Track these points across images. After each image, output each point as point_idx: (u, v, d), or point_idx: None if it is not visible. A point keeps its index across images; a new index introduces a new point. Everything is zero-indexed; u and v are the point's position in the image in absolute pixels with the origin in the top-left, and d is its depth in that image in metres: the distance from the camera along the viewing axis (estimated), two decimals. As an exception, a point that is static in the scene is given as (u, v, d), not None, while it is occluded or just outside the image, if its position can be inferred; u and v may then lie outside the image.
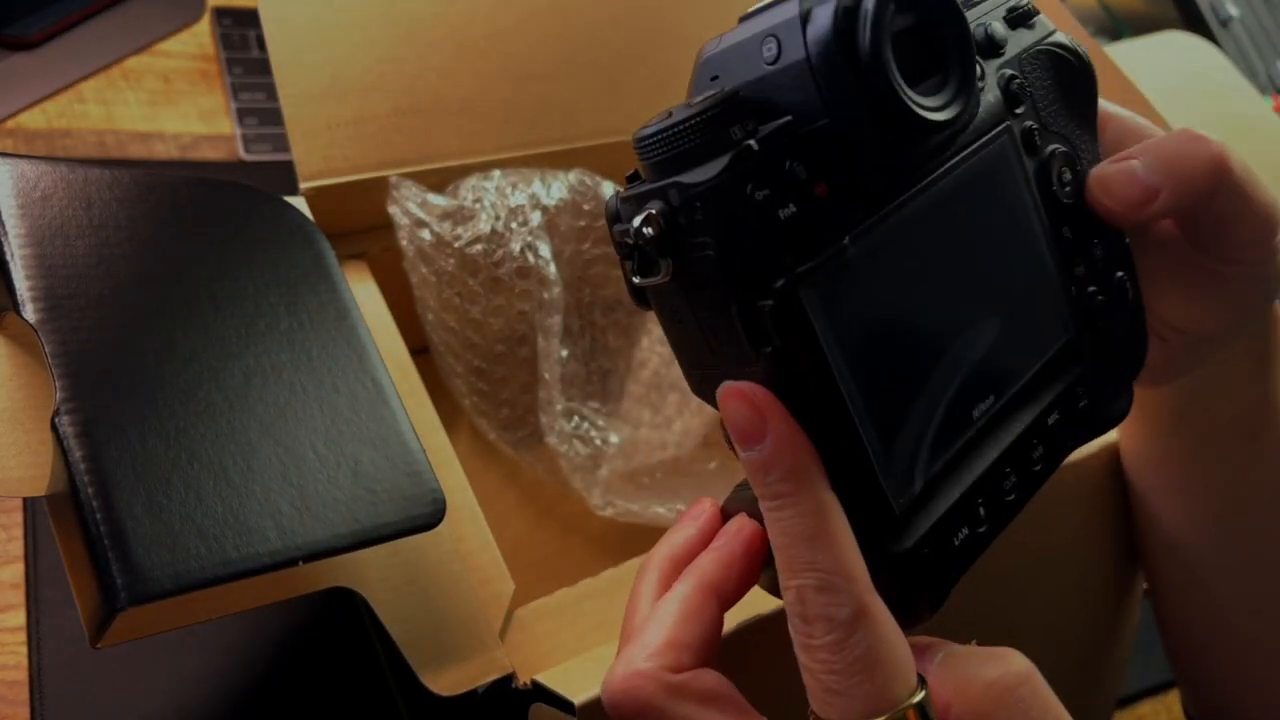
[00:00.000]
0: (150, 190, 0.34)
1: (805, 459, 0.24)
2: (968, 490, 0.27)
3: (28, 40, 0.67)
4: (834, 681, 0.24)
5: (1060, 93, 0.31)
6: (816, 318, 0.24)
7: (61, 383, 0.28)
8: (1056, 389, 0.30)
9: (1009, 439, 0.28)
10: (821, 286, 0.24)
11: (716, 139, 0.24)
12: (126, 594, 0.26)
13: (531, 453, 0.52)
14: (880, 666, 0.23)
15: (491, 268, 0.48)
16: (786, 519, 0.24)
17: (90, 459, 0.27)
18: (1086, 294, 0.31)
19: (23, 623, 0.46)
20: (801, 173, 0.24)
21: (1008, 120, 0.29)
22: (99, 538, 0.26)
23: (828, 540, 0.24)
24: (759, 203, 0.23)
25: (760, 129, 0.24)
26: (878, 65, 0.24)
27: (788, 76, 0.24)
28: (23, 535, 0.48)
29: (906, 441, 0.26)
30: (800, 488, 0.24)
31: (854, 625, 0.24)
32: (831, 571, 0.24)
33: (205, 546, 0.28)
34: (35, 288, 0.30)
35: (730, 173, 0.23)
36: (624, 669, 0.26)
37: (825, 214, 0.24)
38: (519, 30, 0.51)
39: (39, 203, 0.31)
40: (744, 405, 0.24)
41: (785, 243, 0.24)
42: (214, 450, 0.30)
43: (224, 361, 0.32)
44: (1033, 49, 0.30)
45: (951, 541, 0.27)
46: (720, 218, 0.23)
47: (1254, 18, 0.91)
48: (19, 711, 0.43)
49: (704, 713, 0.25)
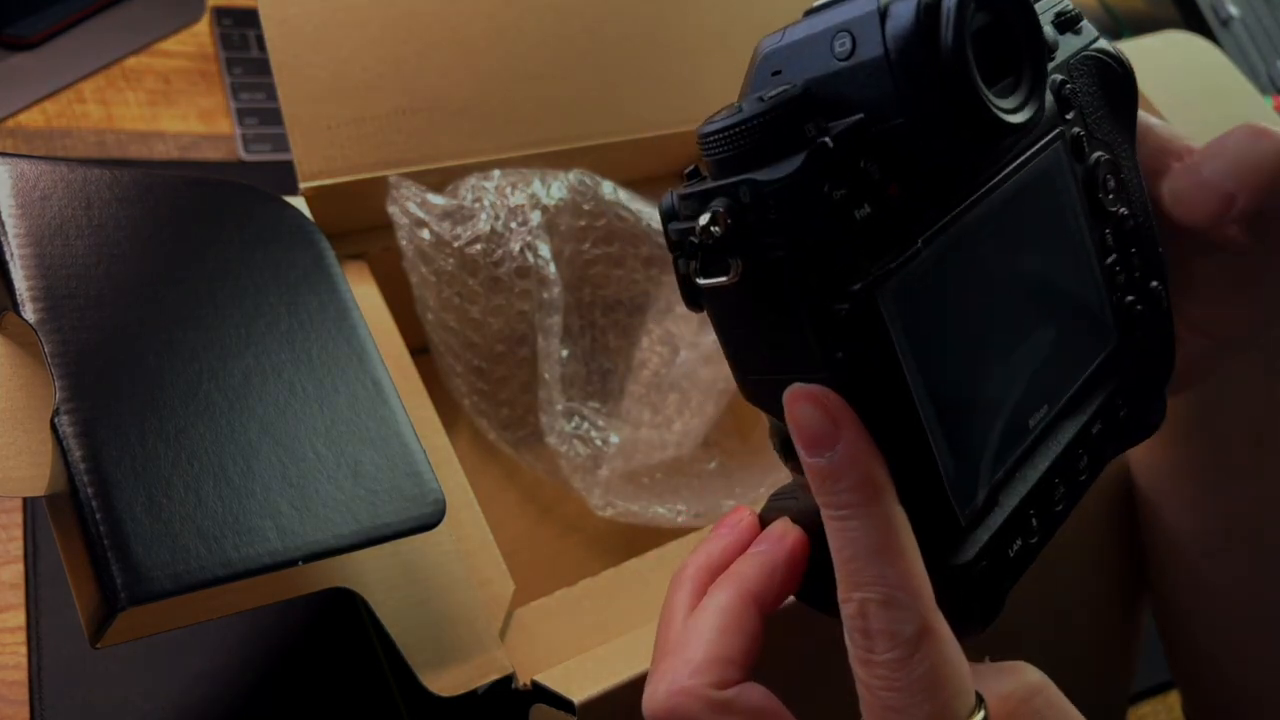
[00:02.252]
0: (150, 190, 0.34)
1: (876, 469, 0.24)
2: (1023, 501, 0.27)
3: (28, 40, 0.67)
4: (894, 699, 0.23)
5: (1105, 99, 0.30)
6: (893, 323, 0.23)
7: (61, 382, 0.28)
8: (1099, 398, 0.30)
9: (1059, 449, 0.28)
10: (897, 291, 0.23)
11: (790, 136, 0.23)
12: (126, 594, 0.26)
13: (531, 453, 0.52)
14: (943, 686, 0.23)
15: (491, 267, 0.48)
16: (853, 530, 0.24)
17: (90, 459, 0.27)
18: (1126, 303, 0.30)
19: (23, 623, 0.46)
20: (876, 172, 0.23)
21: (1060, 126, 0.28)
22: (99, 538, 0.26)
23: (896, 554, 0.23)
24: (836, 202, 0.22)
25: (832, 126, 0.23)
26: (960, 64, 0.23)
27: (863, 73, 0.23)
28: (23, 535, 0.48)
29: (972, 452, 0.25)
30: (870, 498, 0.24)
31: (918, 643, 0.23)
32: (897, 587, 0.23)
33: (205, 547, 0.28)
34: (35, 287, 0.30)
35: (807, 171, 0.22)
36: (668, 686, 0.25)
37: (899, 215, 0.24)
38: (519, 30, 0.51)
39: (39, 202, 0.31)
40: (816, 409, 0.24)
41: (861, 244, 0.23)
42: (214, 450, 0.30)
43: (224, 361, 0.32)
44: (1080, 54, 0.30)
45: (1007, 553, 0.26)
46: (796, 217, 0.22)
47: (1254, 18, 0.91)
48: (19, 711, 0.43)
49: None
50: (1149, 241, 0.31)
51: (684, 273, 0.25)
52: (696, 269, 0.24)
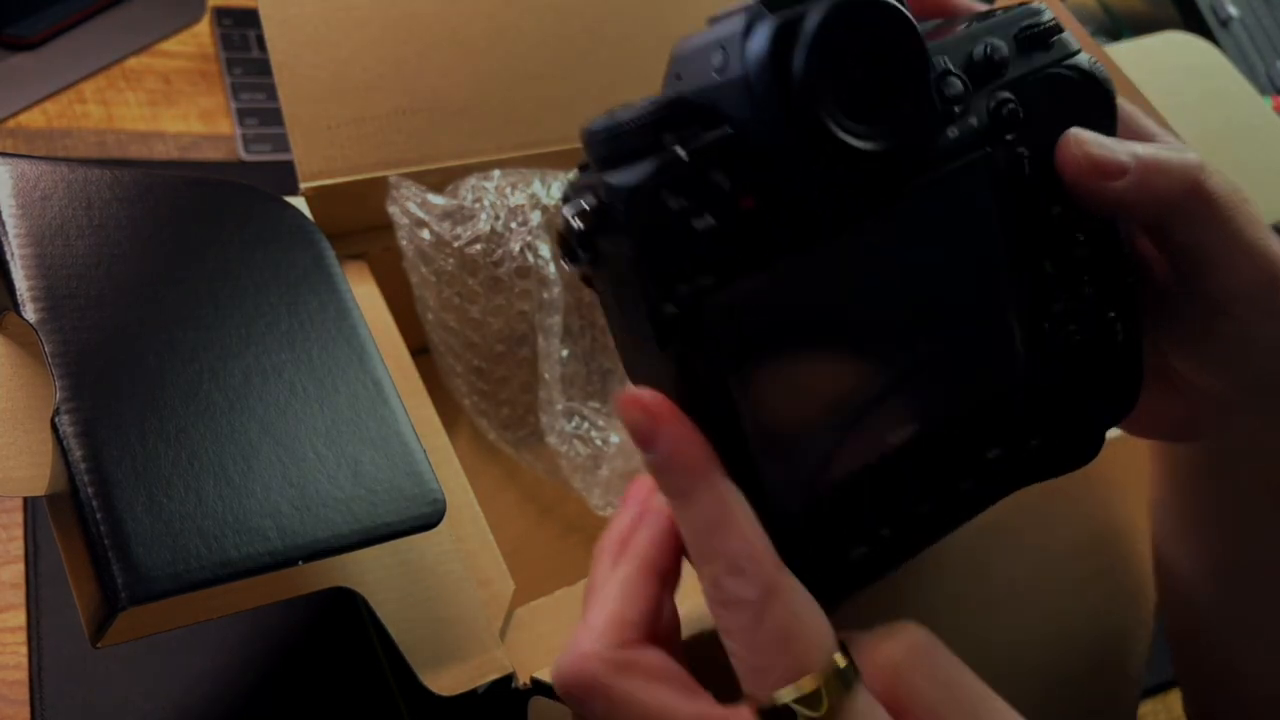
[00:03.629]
0: (150, 190, 0.34)
1: (700, 456, 0.25)
2: (870, 512, 0.28)
3: (28, 40, 0.67)
4: (754, 659, 0.24)
5: (1066, 120, 0.29)
6: (716, 330, 0.24)
7: (61, 382, 0.28)
8: (1003, 425, 0.29)
9: (930, 469, 0.28)
10: (727, 300, 0.24)
11: (648, 144, 0.24)
12: (127, 594, 0.26)
13: (531, 453, 0.52)
14: (796, 639, 0.24)
15: (491, 267, 0.48)
16: (691, 513, 0.25)
17: (90, 459, 0.27)
18: (1064, 332, 0.30)
19: (23, 623, 0.46)
20: (726, 185, 0.24)
21: (987, 147, 0.28)
22: (99, 537, 0.26)
23: (730, 526, 0.25)
24: (674, 212, 0.24)
25: (698, 138, 0.24)
26: (806, 90, 0.23)
27: (731, 89, 0.24)
28: (23, 535, 0.48)
29: (801, 456, 0.26)
30: (698, 482, 0.25)
31: (765, 603, 0.24)
32: (738, 555, 0.25)
33: (205, 546, 0.28)
34: (35, 287, 0.30)
35: (650, 179, 0.23)
36: (569, 653, 0.27)
37: (748, 229, 0.24)
38: (519, 30, 0.51)
39: (39, 203, 0.31)
40: (637, 411, 0.25)
41: (696, 253, 0.24)
42: (214, 450, 0.30)
43: (224, 361, 0.32)
44: (1041, 72, 0.29)
45: (845, 557, 0.27)
46: (636, 221, 0.24)
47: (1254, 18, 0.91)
48: (19, 711, 0.43)
49: (650, 688, 0.26)
50: (1112, 272, 0.30)
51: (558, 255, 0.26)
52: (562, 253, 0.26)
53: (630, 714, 0.26)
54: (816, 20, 0.23)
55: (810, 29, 0.23)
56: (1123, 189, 0.29)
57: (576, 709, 0.27)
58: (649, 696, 0.26)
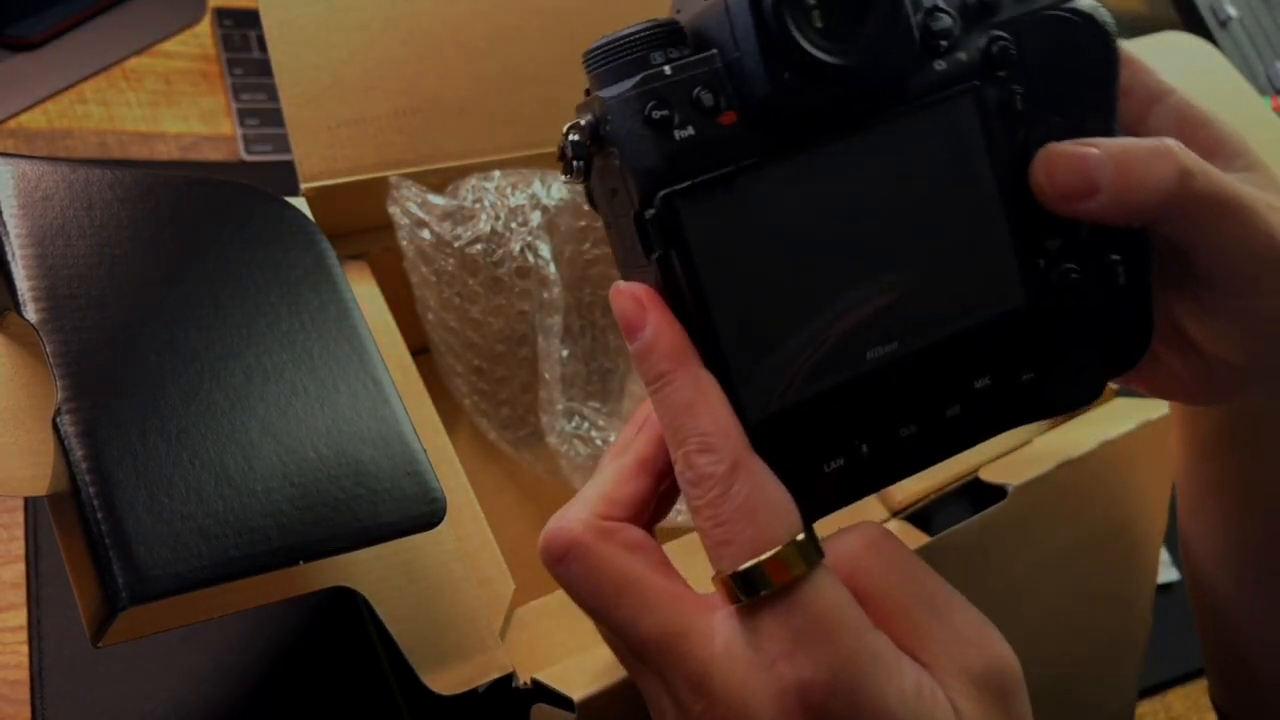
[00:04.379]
0: (152, 190, 0.34)
1: (680, 342, 0.27)
2: (846, 425, 0.29)
3: (29, 41, 0.67)
4: (721, 533, 0.25)
5: (1064, 61, 0.30)
6: (693, 231, 0.26)
7: (63, 382, 0.28)
8: (993, 356, 0.30)
9: (913, 390, 0.29)
10: (703, 204, 0.26)
11: (638, 61, 0.27)
12: (128, 593, 0.26)
13: (531, 453, 0.52)
14: (759, 511, 0.25)
15: (491, 268, 0.48)
16: (667, 395, 0.27)
17: (91, 458, 0.27)
18: (1060, 269, 0.30)
19: (23, 622, 0.46)
20: (708, 100, 0.26)
21: (977, 80, 0.29)
22: (100, 537, 0.26)
23: (703, 407, 0.26)
24: (656, 121, 0.26)
25: (676, 57, 0.27)
26: (778, 11, 0.25)
27: (715, 13, 0.27)
28: (23, 535, 0.48)
29: (773, 361, 0.28)
30: (675, 366, 0.27)
31: (731, 477, 0.25)
32: (708, 433, 0.26)
33: (206, 546, 0.28)
34: (36, 288, 0.30)
35: (634, 91, 0.26)
36: (557, 518, 0.28)
37: (729, 141, 0.27)
38: (519, 30, 0.51)
39: (40, 203, 0.31)
40: (628, 300, 0.27)
41: (676, 160, 0.26)
42: (215, 450, 0.30)
43: (225, 361, 0.32)
44: (1037, 13, 0.30)
45: (820, 468, 0.28)
46: (624, 130, 0.26)
47: (1253, 18, 0.91)
48: (20, 711, 0.43)
49: (627, 557, 0.27)
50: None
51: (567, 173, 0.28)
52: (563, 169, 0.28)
53: (604, 578, 0.27)
54: None
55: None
56: (1099, 207, 0.29)
57: (555, 571, 0.28)
58: (625, 564, 0.27)
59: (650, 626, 0.26)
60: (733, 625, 0.26)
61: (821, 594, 0.25)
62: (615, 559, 0.27)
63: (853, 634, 0.25)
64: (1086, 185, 0.29)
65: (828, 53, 0.26)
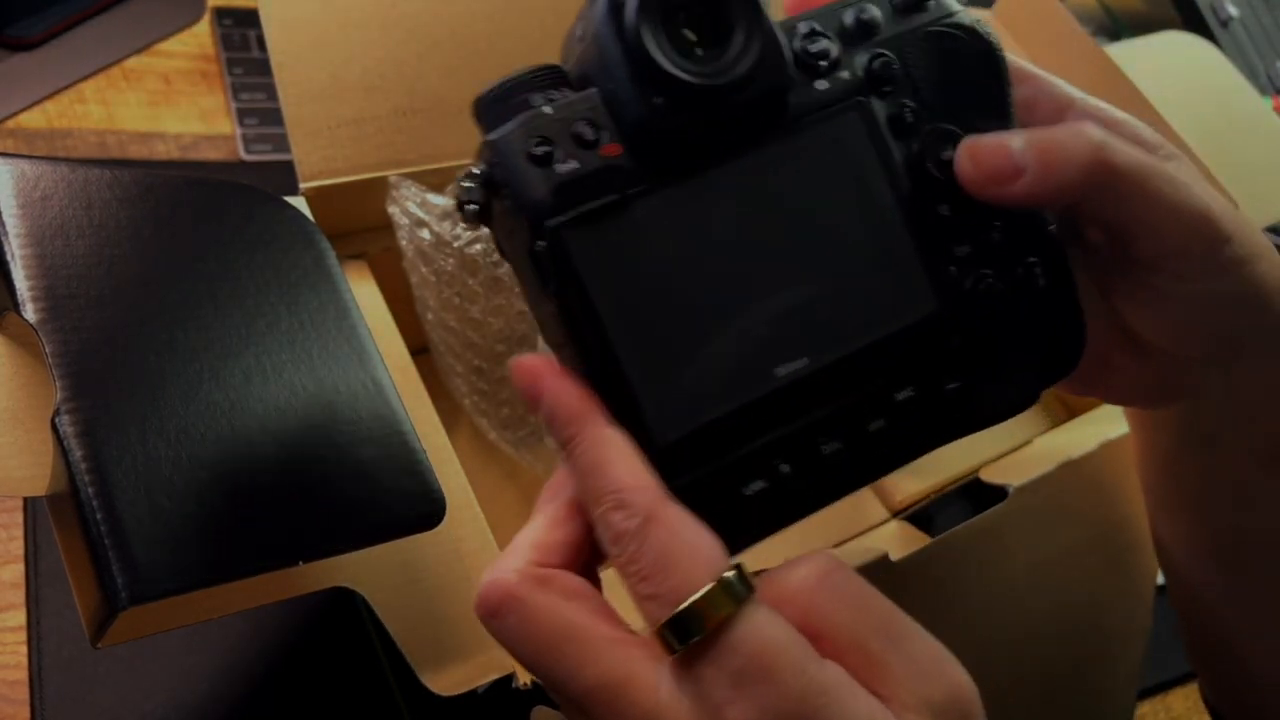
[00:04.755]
0: (151, 190, 0.34)
1: (578, 404, 0.27)
2: (764, 445, 0.28)
3: (28, 40, 0.67)
4: (646, 588, 0.25)
5: (951, 73, 0.31)
6: (583, 260, 0.27)
7: (62, 383, 0.28)
8: (912, 365, 0.30)
9: (829, 405, 0.29)
10: (590, 233, 0.27)
11: (521, 104, 0.27)
12: (127, 593, 0.26)
13: (531, 453, 0.52)
14: (680, 558, 0.25)
15: (491, 267, 0.48)
16: (575, 458, 0.26)
17: (91, 459, 0.27)
18: (975, 275, 0.30)
19: (23, 623, 0.46)
20: (589, 134, 0.27)
21: (860, 97, 0.30)
22: (100, 537, 0.26)
23: (611, 465, 0.26)
24: (539, 157, 0.27)
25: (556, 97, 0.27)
26: (639, 38, 0.26)
27: (589, 50, 0.28)
28: (23, 535, 0.48)
29: (681, 384, 0.28)
30: (581, 428, 0.26)
31: (646, 529, 0.25)
32: (619, 489, 0.25)
33: (206, 546, 0.28)
34: (35, 287, 0.30)
35: (516, 130, 0.27)
36: (490, 571, 0.27)
37: (612, 171, 0.27)
38: (519, 30, 0.51)
39: (39, 203, 0.31)
40: (523, 373, 0.27)
41: (561, 193, 0.27)
42: (215, 450, 0.30)
43: (224, 361, 0.32)
44: (918, 30, 0.31)
45: (739, 491, 0.28)
46: (510, 169, 0.27)
47: (1254, 18, 0.91)
48: (19, 711, 0.43)
49: (565, 605, 0.26)
50: (1021, 218, 0.31)
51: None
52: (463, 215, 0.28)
53: (542, 628, 0.26)
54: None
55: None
56: (1025, 188, 0.29)
57: (492, 626, 0.27)
58: (563, 612, 0.26)
59: (592, 676, 0.25)
60: (675, 675, 0.25)
61: (756, 631, 0.24)
62: (553, 608, 0.26)
63: (795, 670, 0.24)
64: (1011, 168, 0.29)
65: (692, 74, 0.27)
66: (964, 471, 0.52)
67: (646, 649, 0.25)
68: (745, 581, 0.25)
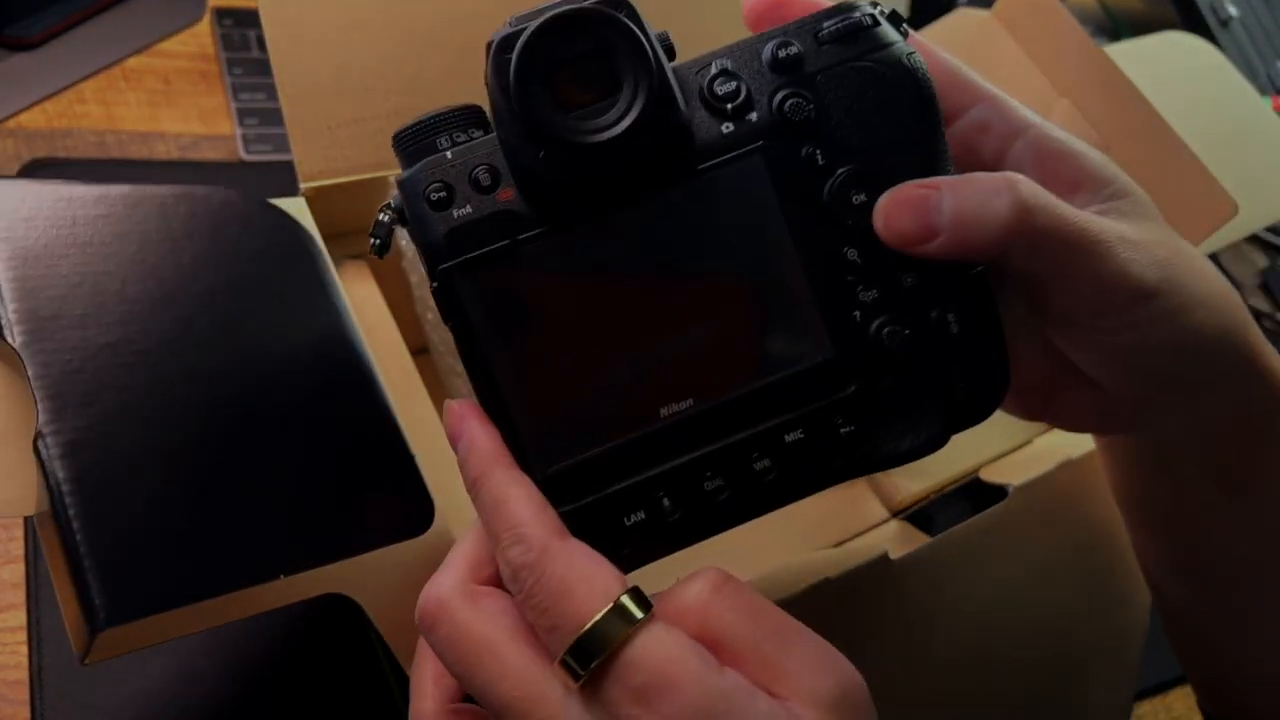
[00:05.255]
0: (138, 205, 0.34)
1: (490, 448, 0.28)
2: (646, 480, 0.29)
3: (28, 40, 0.67)
4: (546, 620, 0.26)
5: (873, 112, 0.30)
6: (471, 301, 0.28)
7: (44, 405, 0.28)
8: (803, 409, 0.30)
9: (714, 444, 0.30)
10: (481, 277, 0.28)
11: (428, 147, 0.28)
12: (105, 614, 0.26)
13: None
14: (574, 586, 0.26)
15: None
16: (481, 497, 0.28)
17: (72, 480, 0.28)
18: (880, 321, 0.30)
19: (23, 623, 0.46)
20: (485, 179, 0.28)
21: (765, 140, 0.29)
22: (80, 559, 0.27)
23: (511, 502, 0.27)
24: (436, 201, 0.28)
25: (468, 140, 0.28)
26: (521, 94, 0.27)
27: (489, 95, 0.28)
28: (23, 535, 0.48)
29: (564, 419, 0.29)
30: (487, 469, 0.28)
31: (542, 562, 0.26)
32: (516, 525, 0.27)
33: (188, 563, 0.28)
34: (19, 310, 0.30)
35: (417, 174, 0.28)
36: (428, 584, 0.28)
37: (505, 216, 0.28)
38: (519, 30, 0.51)
39: (23, 224, 0.31)
40: (451, 415, 0.29)
41: (455, 237, 0.28)
42: (200, 463, 0.30)
43: (211, 372, 0.32)
44: (842, 66, 0.30)
45: (621, 521, 0.29)
46: (411, 211, 0.28)
47: (1254, 18, 0.91)
48: (19, 711, 0.43)
49: (489, 621, 0.27)
50: (938, 265, 0.30)
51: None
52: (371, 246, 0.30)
53: (467, 642, 0.27)
54: (530, 29, 0.27)
55: (524, 37, 0.27)
56: (941, 249, 0.29)
57: (429, 638, 0.28)
58: (486, 628, 0.27)
59: (506, 691, 0.26)
60: (582, 699, 0.26)
61: (655, 647, 0.25)
62: (477, 623, 0.27)
63: (696, 679, 0.25)
64: (924, 230, 0.29)
65: (572, 131, 0.27)
66: (964, 471, 0.52)
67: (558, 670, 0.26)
68: (642, 600, 0.26)
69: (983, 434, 0.33)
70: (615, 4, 0.27)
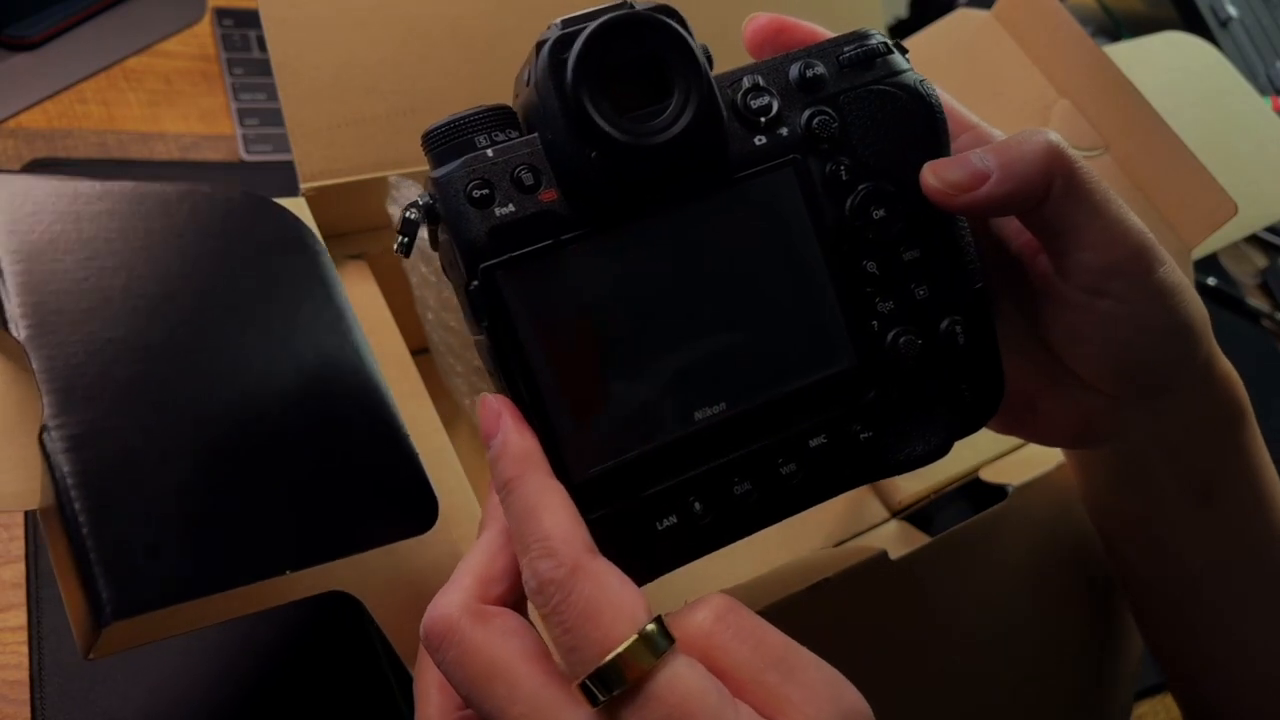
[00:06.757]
0: (142, 201, 0.34)
1: (526, 450, 0.28)
2: (679, 483, 0.30)
3: (29, 40, 0.67)
4: (569, 639, 0.25)
5: (890, 132, 0.31)
6: (512, 301, 0.28)
7: (49, 399, 0.28)
8: (826, 414, 0.31)
9: (744, 448, 0.30)
10: (523, 276, 0.28)
11: (466, 144, 0.28)
12: (111, 608, 0.26)
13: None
14: (602, 611, 0.25)
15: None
16: (512, 501, 0.27)
17: (78, 474, 0.28)
18: (896, 331, 0.31)
19: (23, 623, 0.46)
20: (528, 179, 0.28)
21: (796, 154, 0.30)
22: (85, 552, 0.27)
23: (544, 514, 0.27)
24: (477, 199, 0.28)
25: (509, 139, 0.28)
26: (577, 96, 0.27)
27: (533, 97, 0.28)
28: (24, 535, 0.48)
29: (602, 423, 0.29)
30: (521, 472, 0.27)
31: (571, 581, 0.25)
32: (548, 538, 0.26)
33: (192, 558, 0.28)
34: (24, 304, 0.30)
35: (457, 172, 0.28)
36: (434, 602, 0.28)
37: (548, 216, 0.28)
38: (519, 30, 0.51)
39: (28, 219, 0.31)
40: (487, 411, 0.28)
41: (497, 235, 0.28)
42: (204, 460, 0.30)
43: (215, 368, 0.32)
44: (862, 88, 0.31)
45: (653, 525, 0.30)
46: (449, 208, 0.28)
47: (1254, 18, 0.91)
48: (19, 711, 0.43)
49: (500, 642, 0.27)
50: (949, 279, 0.32)
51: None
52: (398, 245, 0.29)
53: (477, 663, 0.26)
54: (588, 31, 0.27)
55: (581, 39, 0.27)
56: (990, 189, 0.30)
57: (436, 658, 0.28)
58: (497, 649, 0.27)
59: (517, 715, 0.26)
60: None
61: (677, 682, 0.25)
62: (488, 644, 0.27)
63: (713, 716, 0.25)
64: (976, 175, 0.30)
65: (626, 133, 0.28)
66: (964, 471, 0.52)
67: (572, 694, 0.26)
68: (666, 634, 0.26)
69: (982, 434, 0.33)
70: (668, 11, 0.28)
